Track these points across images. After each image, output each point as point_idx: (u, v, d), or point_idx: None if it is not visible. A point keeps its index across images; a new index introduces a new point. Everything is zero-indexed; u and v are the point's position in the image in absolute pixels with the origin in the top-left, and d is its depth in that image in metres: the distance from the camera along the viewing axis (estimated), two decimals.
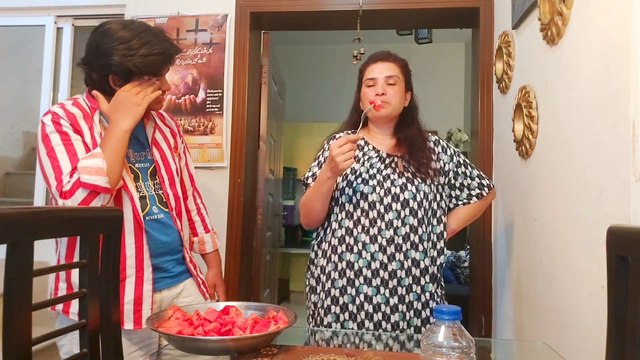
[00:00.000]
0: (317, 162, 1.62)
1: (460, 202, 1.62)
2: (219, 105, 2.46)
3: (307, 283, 1.60)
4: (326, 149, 1.62)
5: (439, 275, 1.53)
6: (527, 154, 1.70)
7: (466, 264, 3.84)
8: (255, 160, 2.78)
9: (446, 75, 5.32)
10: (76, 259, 1.39)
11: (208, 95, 2.47)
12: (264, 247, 2.98)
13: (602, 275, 0.84)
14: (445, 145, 1.63)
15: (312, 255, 1.61)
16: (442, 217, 1.55)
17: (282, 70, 3.77)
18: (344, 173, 1.52)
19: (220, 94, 2.47)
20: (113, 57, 1.30)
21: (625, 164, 1.03)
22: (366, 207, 1.48)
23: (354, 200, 1.49)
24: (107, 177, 1.24)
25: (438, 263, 1.52)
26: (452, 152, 1.62)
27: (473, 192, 1.62)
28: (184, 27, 2.51)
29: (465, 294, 2.73)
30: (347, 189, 1.51)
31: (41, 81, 2.72)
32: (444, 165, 1.59)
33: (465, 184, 1.61)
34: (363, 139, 1.60)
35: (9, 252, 0.78)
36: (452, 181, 1.61)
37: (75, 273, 1.36)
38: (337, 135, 1.63)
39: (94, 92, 1.37)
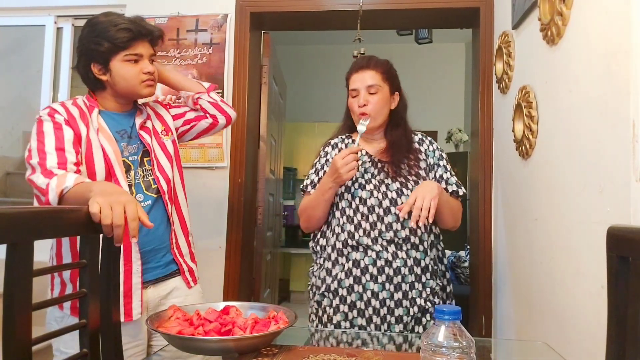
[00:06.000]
0: (314, 169, 1.65)
1: None
2: None
3: (310, 282, 1.63)
4: (322, 156, 1.67)
5: (437, 268, 1.57)
6: (527, 154, 1.70)
7: (466, 264, 3.84)
8: (256, 160, 2.78)
9: (446, 75, 5.32)
10: (65, 255, 1.40)
11: None
12: (264, 247, 2.99)
13: (602, 275, 0.84)
14: (429, 142, 1.65)
15: (315, 257, 1.64)
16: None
17: (282, 70, 3.77)
18: None
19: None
20: (90, 45, 1.40)
21: (625, 164, 1.03)
22: (365, 211, 1.52)
23: (354, 205, 1.53)
24: (56, 197, 1.20)
25: (432, 256, 1.55)
26: (435, 147, 1.65)
27: (450, 188, 1.58)
28: (184, 27, 2.50)
29: (465, 294, 2.73)
30: (346, 194, 1.55)
31: (41, 81, 2.72)
32: (430, 161, 1.61)
33: (445, 177, 1.59)
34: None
35: (9, 252, 0.78)
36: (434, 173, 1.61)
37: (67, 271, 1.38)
38: (333, 142, 1.67)
39: None
